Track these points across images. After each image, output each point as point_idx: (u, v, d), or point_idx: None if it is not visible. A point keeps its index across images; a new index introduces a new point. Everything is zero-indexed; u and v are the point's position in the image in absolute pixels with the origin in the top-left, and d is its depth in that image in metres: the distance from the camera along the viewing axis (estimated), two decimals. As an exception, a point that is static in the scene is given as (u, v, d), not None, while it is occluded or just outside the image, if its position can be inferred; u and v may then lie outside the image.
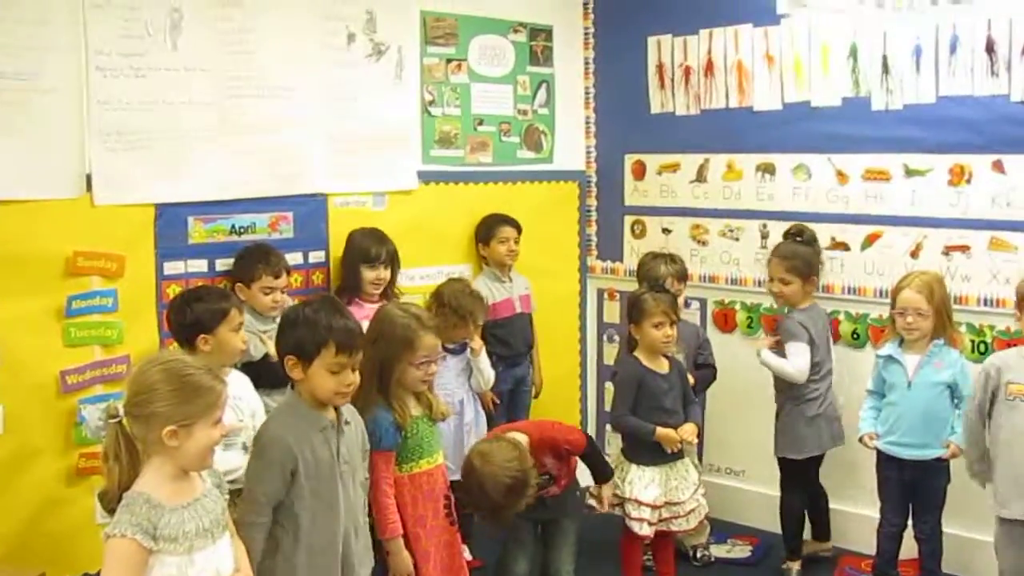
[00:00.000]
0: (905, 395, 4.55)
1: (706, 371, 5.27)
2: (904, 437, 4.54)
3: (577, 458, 4.39)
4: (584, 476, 4.56)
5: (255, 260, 4.61)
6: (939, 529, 4.61)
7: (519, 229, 5.64)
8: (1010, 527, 4.15)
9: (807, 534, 5.25)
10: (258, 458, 3.26)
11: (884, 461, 4.66)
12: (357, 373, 3.36)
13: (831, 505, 5.21)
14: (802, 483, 5.10)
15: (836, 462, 5.15)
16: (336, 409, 3.37)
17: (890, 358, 4.61)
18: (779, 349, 5.03)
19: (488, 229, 5.62)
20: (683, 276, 5.30)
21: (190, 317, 3.91)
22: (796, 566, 5.05)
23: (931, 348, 4.53)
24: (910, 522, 4.69)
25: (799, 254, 5.06)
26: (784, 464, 5.10)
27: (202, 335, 3.88)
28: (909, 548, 4.72)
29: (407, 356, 3.65)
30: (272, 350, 3.91)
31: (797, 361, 4.93)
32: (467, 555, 4.93)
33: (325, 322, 3.30)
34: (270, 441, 3.27)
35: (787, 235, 5.22)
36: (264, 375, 4.16)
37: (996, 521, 4.20)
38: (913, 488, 4.61)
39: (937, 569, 4.64)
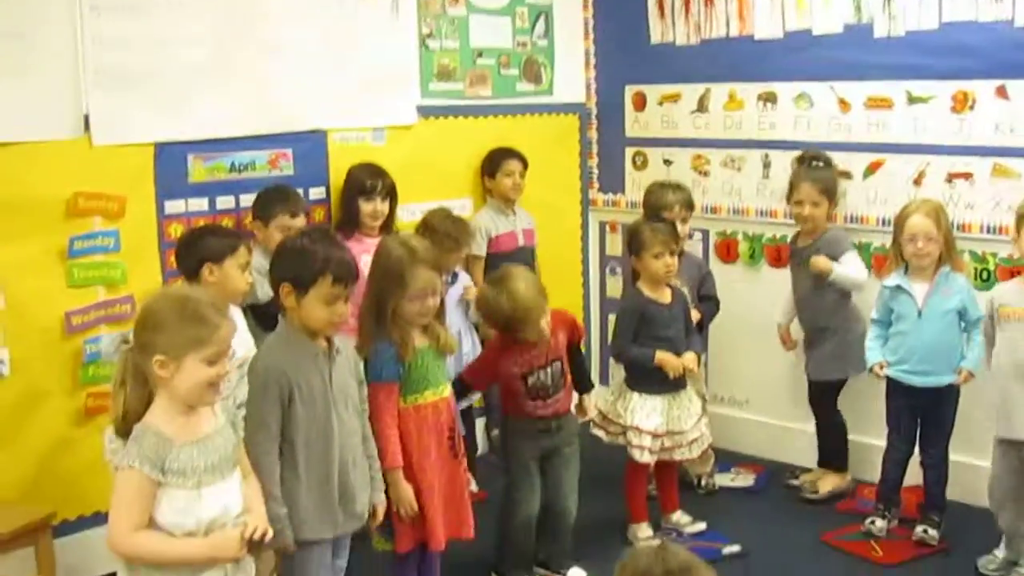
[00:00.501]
0: (916, 325, 4.55)
1: (709, 303, 5.27)
2: (917, 365, 4.55)
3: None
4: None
5: (274, 198, 4.62)
6: (945, 455, 4.65)
7: (525, 163, 5.63)
8: (1001, 445, 4.30)
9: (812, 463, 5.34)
10: (256, 387, 3.28)
11: (894, 389, 4.67)
12: (349, 305, 3.38)
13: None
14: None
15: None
16: (327, 338, 3.39)
17: (898, 288, 4.60)
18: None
19: (494, 162, 5.62)
20: (690, 204, 5.28)
21: (199, 248, 3.94)
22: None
23: (938, 276, 4.52)
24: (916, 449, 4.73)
25: (828, 177, 5.09)
26: (830, 387, 5.13)
27: (208, 264, 3.90)
28: (913, 476, 4.77)
29: (401, 290, 3.64)
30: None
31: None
32: (472, 487, 4.99)
33: (323, 253, 3.31)
34: (264, 369, 3.29)
35: (802, 161, 5.20)
36: (270, 318, 4.16)
37: None
38: (923, 415, 4.64)
39: (942, 495, 4.68)
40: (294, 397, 3.28)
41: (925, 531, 4.62)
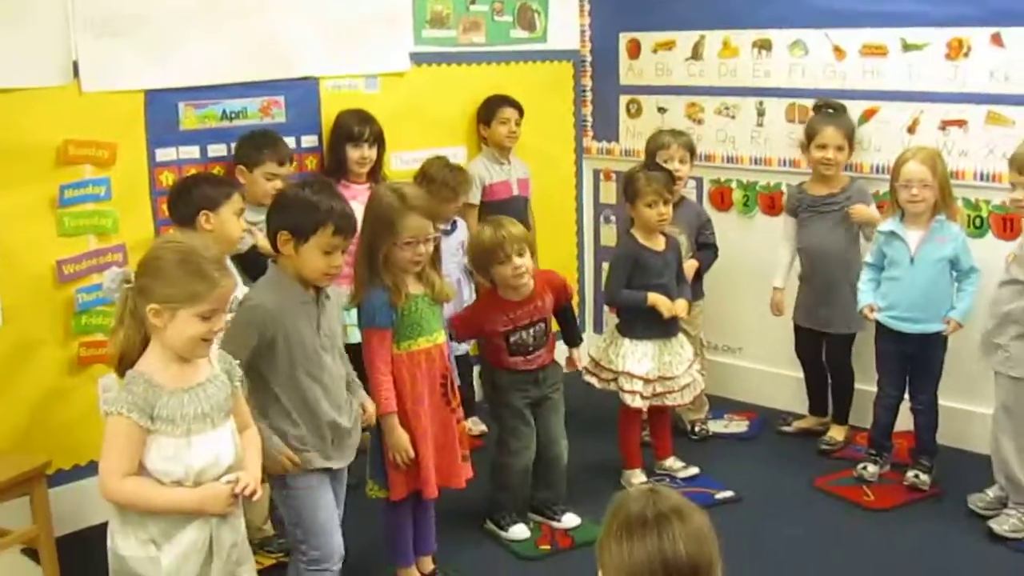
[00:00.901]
0: (908, 271, 4.56)
1: (708, 251, 5.27)
2: (906, 312, 4.58)
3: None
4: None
5: (261, 144, 4.59)
6: (935, 401, 4.69)
7: (521, 111, 5.60)
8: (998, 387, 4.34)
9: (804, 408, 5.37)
10: (238, 320, 3.27)
11: (884, 334, 4.70)
12: (344, 256, 3.40)
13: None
14: None
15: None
16: (316, 287, 3.40)
17: (892, 234, 4.60)
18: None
19: (489, 110, 5.59)
20: (690, 148, 5.27)
21: (195, 195, 3.93)
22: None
23: (933, 224, 4.52)
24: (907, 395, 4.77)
25: (848, 121, 5.09)
26: (850, 339, 5.13)
27: (205, 212, 3.89)
28: (905, 421, 4.80)
29: (391, 237, 3.63)
30: (261, 242, 3.92)
31: None
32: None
33: (326, 204, 3.33)
34: (251, 308, 3.30)
35: (818, 108, 5.18)
36: (249, 267, 4.15)
37: None
38: (912, 361, 4.67)
39: (932, 440, 4.72)
40: (278, 340, 3.29)
41: (916, 476, 4.65)
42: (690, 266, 5.11)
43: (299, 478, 3.38)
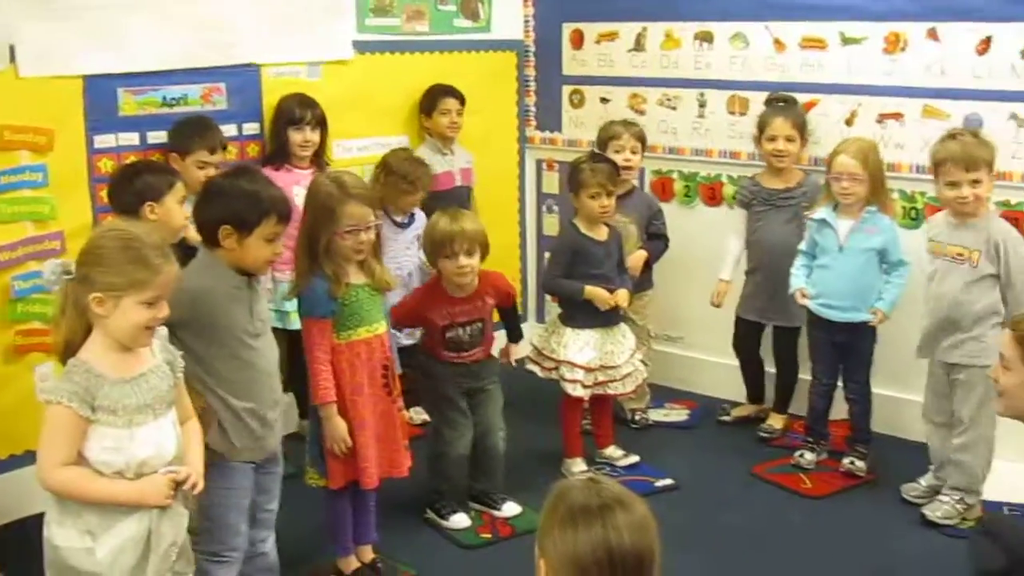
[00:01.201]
0: (836, 259, 4.64)
1: (658, 241, 5.30)
2: (834, 300, 4.65)
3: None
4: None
5: (192, 132, 4.54)
6: (868, 388, 4.77)
7: (462, 101, 5.59)
8: (930, 366, 4.44)
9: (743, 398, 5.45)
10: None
11: (814, 322, 4.78)
12: (283, 242, 3.39)
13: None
14: None
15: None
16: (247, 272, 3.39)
17: (823, 222, 4.68)
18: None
19: (431, 100, 5.57)
20: (640, 138, 5.30)
21: (138, 184, 3.88)
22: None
23: (864, 214, 4.60)
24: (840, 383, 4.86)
25: (798, 112, 5.13)
26: (797, 332, 5.18)
27: (149, 203, 3.85)
28: (842, 410, 4.88)
29: (331, 225, 3.62)
30: (190, 234, 3.86)
31: None
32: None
33: (266, 193, 3.31)
34: (181, 291, 3.21)
35: (771, 102, 5.23)
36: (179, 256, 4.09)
37: None
38: (842, 349, 4.74)
39: (867, 427, 4.80)
40: (205, 326, 3.26)
41: (852, 463, 4.72)
42: (639, 256, 5.15)
43: (222, 475, 3.33)
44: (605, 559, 1.98)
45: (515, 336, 4.63)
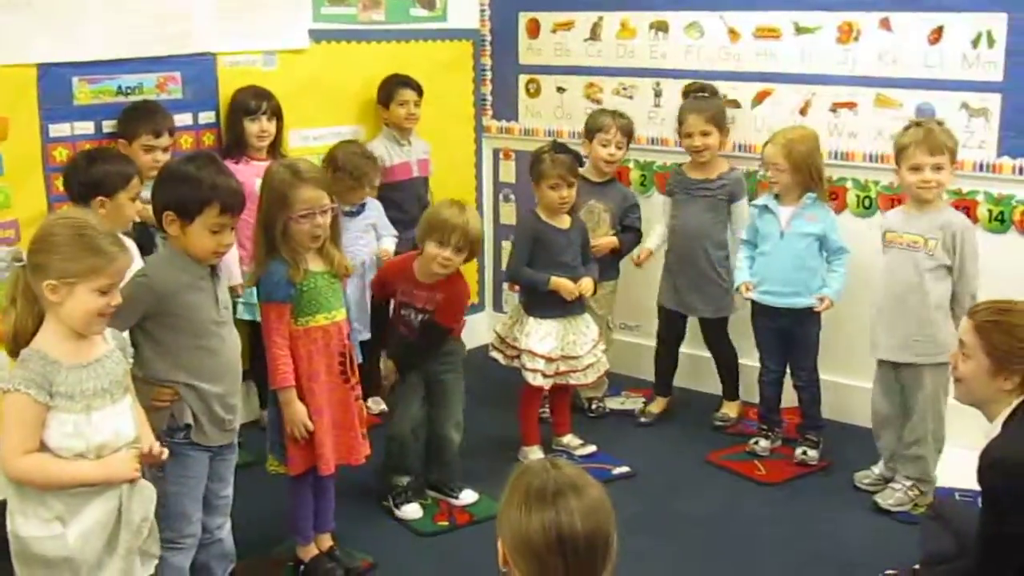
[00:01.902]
0: (777, 244, 4.71)
1: (630, 234, 5.33)
2: (775, 286, 4.72)
3: (463, 319, 4.53)
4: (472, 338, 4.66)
5: (137, 117, 4.53)
6: (815, 376, 4.83)
7: (420, 92, 5.57)
8: (879, 366, 4.47)
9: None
10: (126, 296, 3.13)
11: (758, 311, 4.84)
12: (234, 233, 3.37)
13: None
14: None
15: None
16: None
17: (765, 208, 4.75)
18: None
19: (388, 91, 5.55)
20: (627, 131, 5.32)
21: (94, 175, 3.87)
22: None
23: (804, 201, 4.66)
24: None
25: (714, 105, 5.15)
26: (725, 321, 5.26)
27: (100, 197, 3.84)
28: (794, 398, 4.93)
29: (285, 210, 3.61)
30: (147, 215, 3.86)
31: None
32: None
33: (210, 181, 3.26)
34: (138, 283, 3.22)
35: (689, 93, 5.26)
36: (138, 240, 4.07)
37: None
38: (787, 336, 4.80)
39: (817, 415, 4.85)
40: (168, 318, 3.26)
41: (804, 452, 4.78)
42: (608, 242, 5.20)
43: (178, 463, 3.32)
44: (555, 542, 2.01)
45: (405, 361, 4.43)
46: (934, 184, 4.22)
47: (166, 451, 2.98)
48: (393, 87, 5.54)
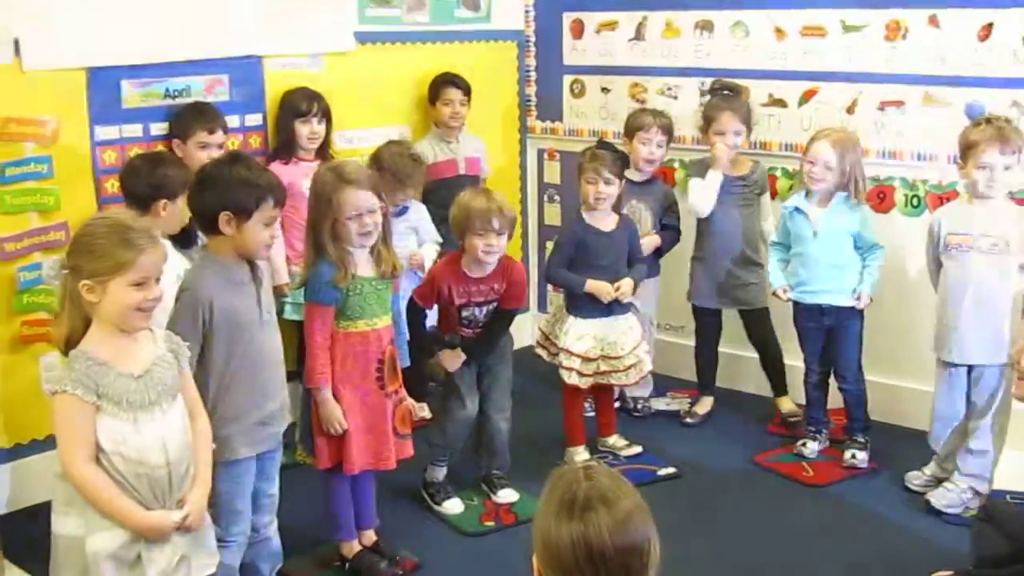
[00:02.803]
0: (812, 244, 4.66)
1: (670, 232, 5.32)
2: (815, 285, 4.67)
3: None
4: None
5: (190, 116, 4.59)
6: (861, 376, 4.76)
7: (467, 91, 5.60)
8: (942, 368, 4.38)
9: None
10: (179, 310, 3.28)
11: (801, 311, 4.79)
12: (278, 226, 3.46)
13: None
14: None
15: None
16: (249, 262, 3.41)
17: (796, 210, 4.70)
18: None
19: (435, 89, 5.59)
20: (668, 130, 5.30)
21: (158, 178, 3.93)
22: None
23: (835, 199, 4.61)
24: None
25: (747, 104, 5.13)
26: (767, 313, 5.23)
27: (164, 200, 3.90)
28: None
29: (331, 213, 3.64)
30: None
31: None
32: (426, 413, 4.99)
33: (262, 179, 3.36)
34: (185, 297, 3.29)
35: (714, 90, 5.23)
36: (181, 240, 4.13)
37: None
38: (829, 336, 4.75)
39: (864, 416, 4.80)
40: (218, 323, 3.29)
41: (853, 456, 4.73)
42: (651, 241, 5.18)
43: (226, 468, 3.36)
44: (585, 556, 1.98)
45: (477, 351, 4.43)
46: (999, 182, 4.15)
47: (206, 521, 3.00)
48: (440, 86, 5.57)
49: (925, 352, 4.50)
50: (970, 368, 4.30)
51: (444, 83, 5.57)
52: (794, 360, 5.13)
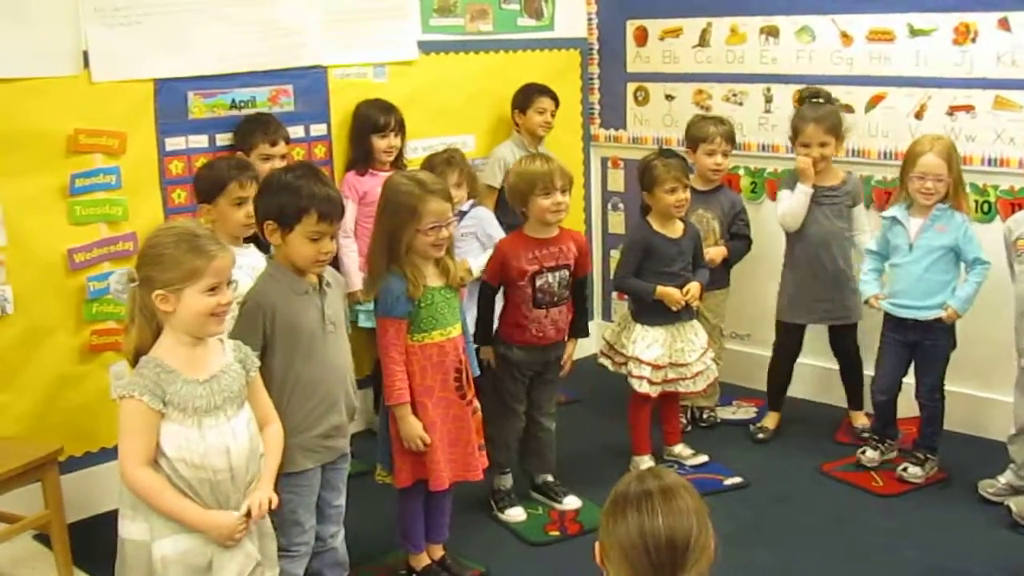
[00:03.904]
0: (906, 257, 4.55)
1: (740, 242, 5.27)
2: (906, 299, 4.56)
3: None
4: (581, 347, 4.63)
5: (253, 128, 4.64)
6: (940, 395, 4.64)
7: (557, 102, 5.65)
8: (1020, 374, 4.29)
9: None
10: (240, 321, 3.28)
11: (888, 321, 4.70)
12: (335, 242, 3.41)
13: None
14: None
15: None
16: (316, 273, 3.41)
17: (895, 220, 4.60)
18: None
19: (526, 98, 5.63)
20: (731, 138, 5.24)
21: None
22: None
23: (934, 211, 4.48)
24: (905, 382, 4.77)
25: (832, 112, 5.00)
26: (855, 327, 5.15)
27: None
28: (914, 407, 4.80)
29: (413, 223, 3.61)
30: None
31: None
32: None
33: (308, 190, 3.30)
34: (247, 308, 3.30)
35: (804, 99, 5.10)
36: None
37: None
38: (914, 349, 4.65)
39: (933, 434, 4.69)
40: (279, 332, 3.29)
41: (905, 469, 4.65)
42: (718, 252, 5.14)
43: (289, 479, 3.36)
44: (640, 543, 2.03)
45: (580, 327, 4.56)
46: None
47: (275, 499, 2.98)
48: (532, 94, 5.62)
49: (1005, 363, 4.41)
50: None
51: (537, 92, 5.62)
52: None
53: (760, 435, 5.22)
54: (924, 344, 4.61)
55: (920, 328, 4.57)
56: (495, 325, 4.45)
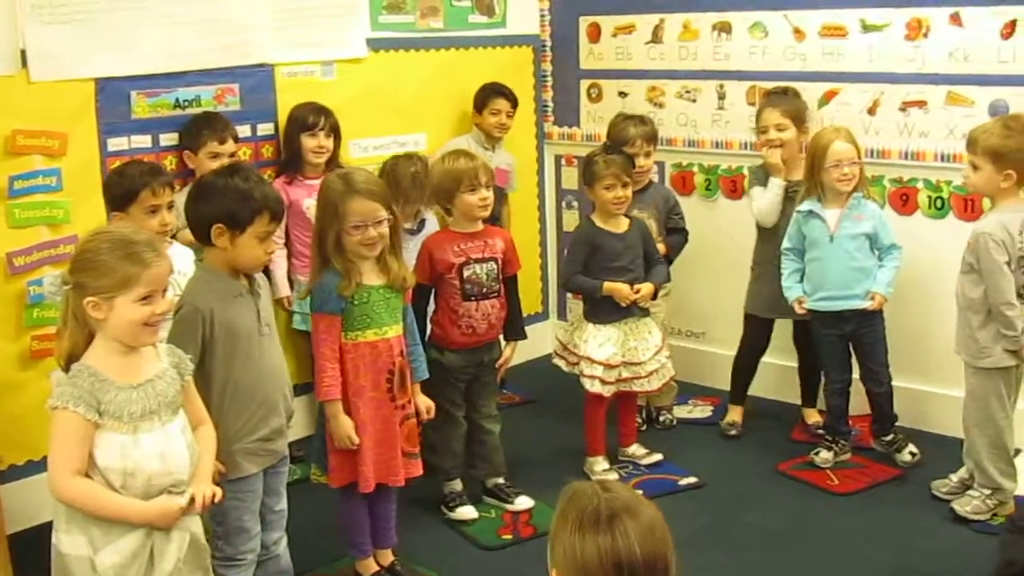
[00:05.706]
0: (828, 249, 4.58)
1: (678, 236, 5.22)
2: (833, 291, 4.59)
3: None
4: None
5: (201, 126, 4.57)
6: (889, 375, 4.68)
7: (514, 102, 5.62)
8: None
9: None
10: (176, 326, 3.21)
11: (821, 320, 4.70)
12: (275, 240, 3.42)
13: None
14: None
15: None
16: (247, 276, 3.36)
17: (810, 213, 4.62)
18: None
19: (483, 98, 5.60)
20: (652, 138, 5.18)
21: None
22: None
23: (851, 201, 4.56)
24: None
25: (790, 99, 5.03)
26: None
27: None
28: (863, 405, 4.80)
29: (336, 222, 3.60)
30: (182, 235, 3.84)
31: None
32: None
33: (260, 191, 3.27)
34: (183, 315, 3.22)
35: (768, 95, 5.18)
36: None
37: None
38: (853, 340, 4.68)
39: (891, 417, 4.73)
40: (217, 336, 3.24)
41: (887, 442, 4.74)
42: (659, 249, 5.08)
43: (232, 485, 3.28)
44: (612, 569, 1.94)
45: (516, 329, 4.51)
46: None
47: (218, 495, 2.93)
48: (489, 95, 5.60)
49: (950, 356, 4.39)
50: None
51: (494, 93, 5.58)
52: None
53: (732, 431, 5.20)
54: (861, 331, 4.64)
55: (855, 317, 4.60)
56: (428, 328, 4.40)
